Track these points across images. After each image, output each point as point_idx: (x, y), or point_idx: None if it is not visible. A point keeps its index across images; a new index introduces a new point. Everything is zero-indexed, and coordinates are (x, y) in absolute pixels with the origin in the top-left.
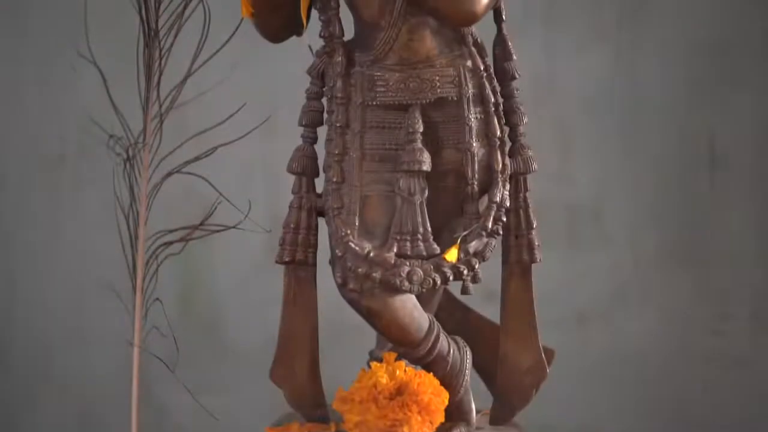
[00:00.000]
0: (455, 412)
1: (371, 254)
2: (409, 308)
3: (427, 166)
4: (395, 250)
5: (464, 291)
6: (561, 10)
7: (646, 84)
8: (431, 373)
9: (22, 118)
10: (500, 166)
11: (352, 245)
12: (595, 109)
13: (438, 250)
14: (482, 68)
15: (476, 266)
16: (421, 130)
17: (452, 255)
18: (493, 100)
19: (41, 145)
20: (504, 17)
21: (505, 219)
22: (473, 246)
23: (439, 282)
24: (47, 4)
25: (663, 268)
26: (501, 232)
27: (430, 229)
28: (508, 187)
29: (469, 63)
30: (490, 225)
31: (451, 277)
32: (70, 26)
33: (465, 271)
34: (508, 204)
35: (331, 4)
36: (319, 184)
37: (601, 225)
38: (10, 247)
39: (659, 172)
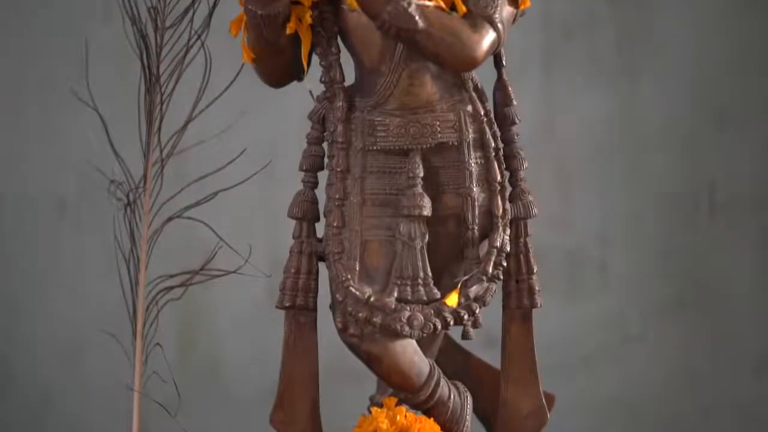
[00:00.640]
0: None
1: (372, 299)
2: (410, 353)
3: (427, 211)
4: (396, 294)
5: (465, 336)
6: (560, 54)
7: (647, 129)
8: (432, 419)
9: (23, 162)
10: (501, 211)
11: (353, 290)
12: (595, 153)
13: (438, 295)
14: (482, 113)
15: (477, 311)
16: (421, 175)
17: (453, 300)
18: (493, 145)
19: (42, 189)
20: (504, 62)
21: (505, 264)
22: (474, 291)
23: (439, 327)
24: (48, 48)
25: (665, 314)
26: (501, 277)
27: (430, 273)
28: (508, 232)
29: (469, 108)
30: (490, 270)
31: (451, 322)
32: (71, 71)
33: (465, 316)
34: (508, 249)
35: (332, 50)
36: (320, 229)
37: (602, 270)
38: (9, 289)
39: (660, 217)
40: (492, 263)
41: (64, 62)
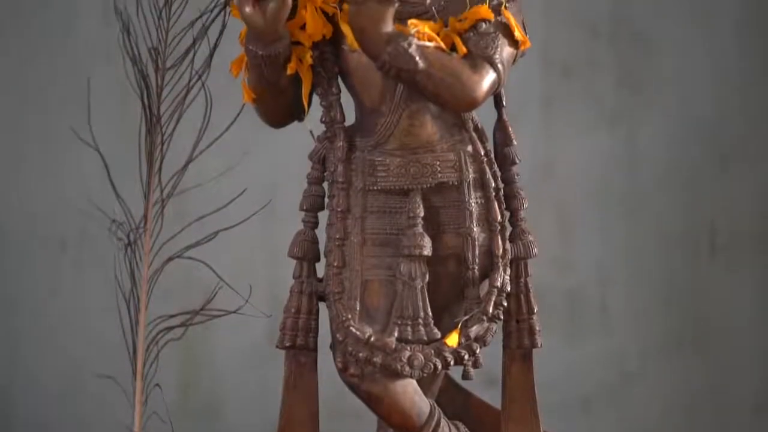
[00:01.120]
0: None
1: (372, 339)
2: (410, 393)
3: (428, 251)
4: (396, 334)
5: (465, 376)
6: (560, 95)
7: (647, 169)
8: None
9: (24, 201)
10: (501, 251)
11: (353, 330)
12: (595, 193)
13: (439, 335)
14: (483, 153)
15: (477, 351)
16: (422, 214)
17: (453, 340)
18: (493, 185)
19: (42, 229)
20: (504, 102)
21: (506, 304)
22: (474, 331)
23: (440, 367)
24: (49, 88)
25: (665, 353)
26: (502, 317)
27: (431, 313)
28: (508, 272)
29: (469, 148)
30: (491, 310)
31: (452, 362)
32: (72, 111)
33: (466, 356)
34: (509, 289)
35: (332, 90)
36: (320, 269)
37: (602, 309)
38: (10, 327)
39: (660, 257)
40: (492, 303)
41: (65, 102)
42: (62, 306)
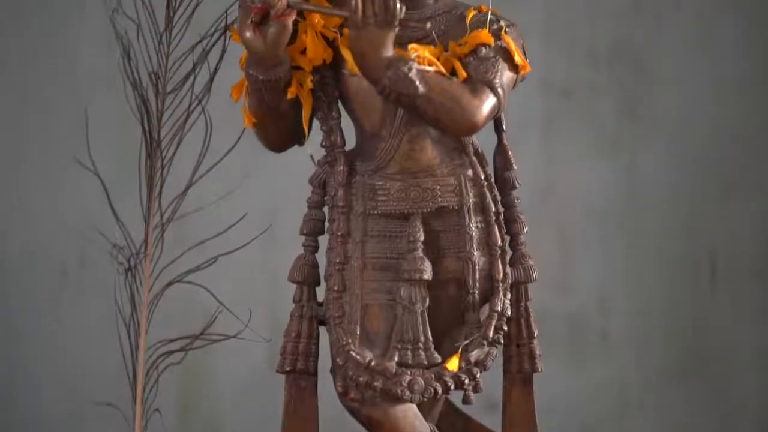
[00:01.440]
0: None
1: (372, 363)
2: (410, 418)
3: (428, 275)
4: (396, 359)
5: (465, 400)
6: (561, 119)
7: (647, 194)
8: None
9: (24, 227)
10: (501, 275)
11: (353, 354)
12: (596, 218)
13: (439, 359)
14: (483, 177)
15: (477, 375)
16: (422, 239)
17: (453, 364)
18: (494, 209)
19: (42, 253)
20: (504, 127)
21: (506, 328)
22: (474, 355)
23: (440, 391)
24: (49, 113)
25: (666, 381)
26: (502, 342)
27: (431, 338)
28: (509, 296)
29: (469, 172)
30: (491, 334)
31: (452, 386)
32: (72, 135)
33: (466, 381)
34: (509, 313)
35: (332, 114)
36: (320, 293)
37: (603, 335)
38: (9, 353)
39: (662, 284)
40: (493, 327)
41: (65, 127)
42: (62, 330)
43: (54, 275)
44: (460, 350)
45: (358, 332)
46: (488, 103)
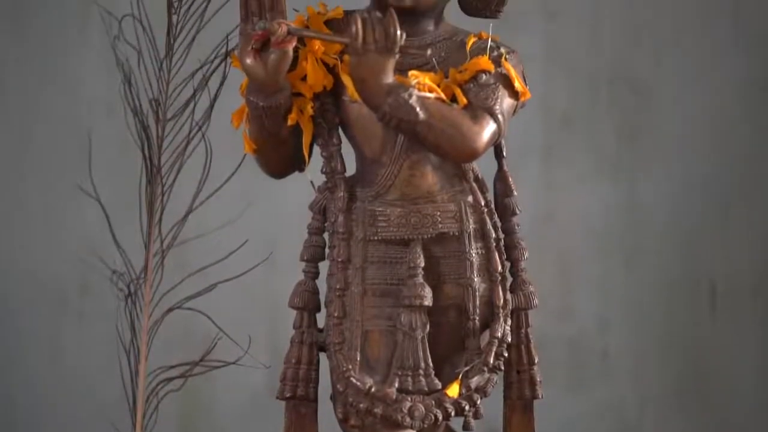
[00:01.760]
0: None
1: (373, 389)
2: None
3: (428, 302)
4: (397, 385)
5: (466, 427)
6: (561, 145)
7: (647, 219)
8: None
9: (24, 253)
10: (501, 301)
11: (354, 380)
12: (596, 244)
13: (440, 386)
14: (483, 204)
15: (478, 402)
16: (422, 265)
17: (454, 390)
18: (494, 235)
19: (43, 279)
20: (504, 153)
21: (506, 354)
22: (475, 381)
23: (440, 417)
24: (50, 140)
25: (666, 404)
26: (503, 368)
27: (431, 364)
28: (509, 322)
29: (470, 198)
30: (491, 360)
31: (452, 413)
32: (73, 162)
33: (467, 407)
34: (509, 339)
35: (333, 140)
36: (321, 319)
37: (603, 360)
38: (11, 379)
39: (661, 308)
40: (493, 354)
41: (66, 154)
42: (62, 356)
43: (55, 301)
44: (460, 376)
45: (358, 358)
46: (488, 129)
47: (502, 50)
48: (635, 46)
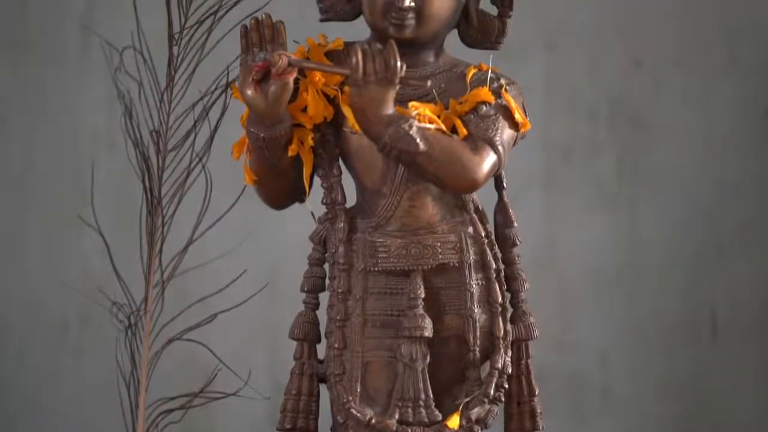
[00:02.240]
0: None
1: (373, 421)
2: None
3: (428, 332)
4: (397, 416)
5: None
6: (561, 176)
7: (648, 251)
8: None
9: (24, 284)
10: (502, 332)
11: (354, 412)
12: (596, 275)
13: (440, 417)
14: (483, 235)
15: None
16: (422, 296)
17: (454, 422)
18: (494, 266)
19: (43, 310)
20: (505, 184)
21: (507, 386)
22: (475, 413)
23: None
24: (50, 171)
25: None
26: (503, 399)
27: (431, 395)
28: (510, 353)
29: (470, 229)
30: (492, 392)
31: None
32: (73, 193)
33: None
34: (510, 371)
35: (333, 171)
36: (321, 350)
37: (604, 392)
38: (10, 410)
39: (662, 341)
40: (493, 385)
41: (67, 184)
42: (62, 388)
43: (54, 332)
44: (461, 408)
45: (358, 390)
46: (489, 160)
47: (503, 81)
48: (634, 78)
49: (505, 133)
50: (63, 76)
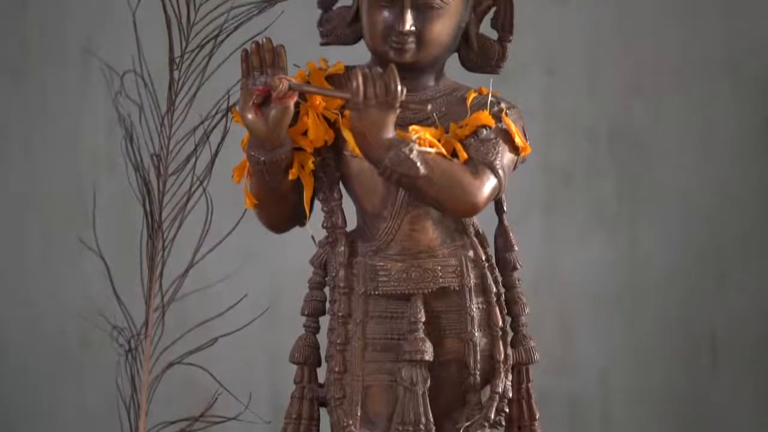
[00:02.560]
0: None
1: None
2: None
3: (429, 356)
4: None
5: None
6: (561, 200)
7: (648, 275)
8: None
9: (25, 308)
10: (502, 356)
11: None
12: (596, 299)
13: None
14: (484, 258)
15: None
16: (423, 319)
17: None
18: (494, 290)
19: (44, 333)
20: (505, 208)
21: (507, 410)
22: None
23: None
24: (51, 195)
25: None
26: (503, 423)
27: (432, 419)
28: (510, 377)
29: (470, 253)
30: (492, 415)
31: None
32: (74, 216)
33: None
34: (510, 394)
35: (333, 195)
36: (321, 374)
37: (604, 416)
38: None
39: (662, 364)
40: (494, 409)
41: (67, 208)
42: (62, 412)
43: (55, 355)
44: None
45: (359, 413)
46: (489, 184)
47: (503, 105)
48: (634, 101)
49: (506, 157)
50: (64, 100)
